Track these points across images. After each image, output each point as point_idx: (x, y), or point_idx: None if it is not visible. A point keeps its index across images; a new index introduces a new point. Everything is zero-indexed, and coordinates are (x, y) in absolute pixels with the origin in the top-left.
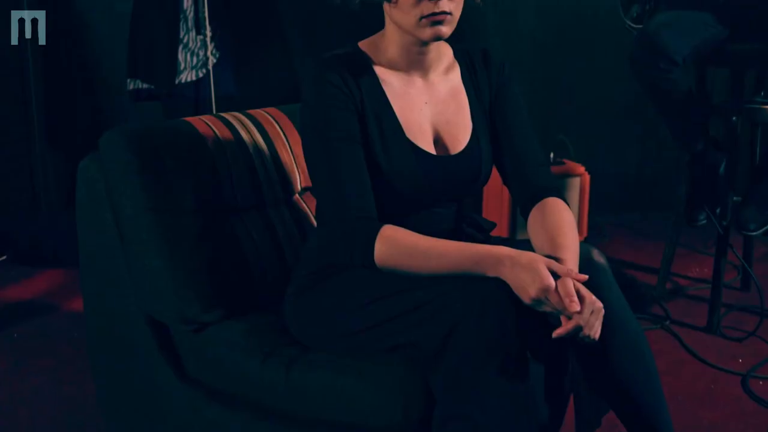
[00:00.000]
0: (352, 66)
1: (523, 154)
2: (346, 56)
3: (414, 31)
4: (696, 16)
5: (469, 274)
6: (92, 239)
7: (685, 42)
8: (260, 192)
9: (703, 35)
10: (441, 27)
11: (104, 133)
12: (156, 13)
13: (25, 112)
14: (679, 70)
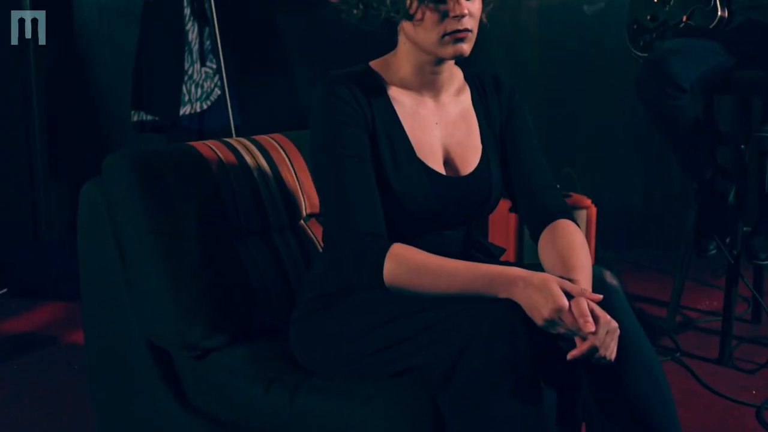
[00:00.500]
0: (363, 84)
1: (532, 177)
2: (356, 74)
3: (435, 48)
4: (703, 44)
5: (480, 295)
6: (94, 263)
7: (692, 69)
8: (264, 217)
9: (711, 63)
10: (462, 44)
11: (107, 157)
12: (161, 45)
13: (28, 143)
14: (686, 97)
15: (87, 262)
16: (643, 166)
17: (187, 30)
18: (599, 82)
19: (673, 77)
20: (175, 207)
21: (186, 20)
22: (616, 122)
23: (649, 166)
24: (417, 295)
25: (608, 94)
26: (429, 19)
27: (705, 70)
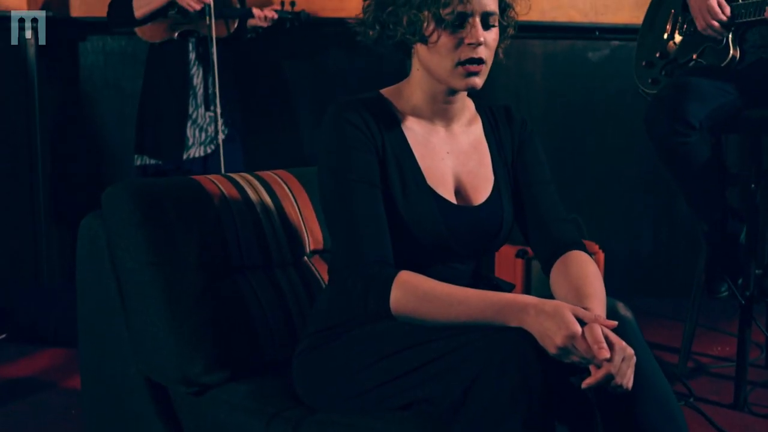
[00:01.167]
0: (373, 110)
1: (544, 209)
2: (367, 100)
3: (448, 77)
4: (713, 82)
5: (491, 324)
6: (92, 298)
7: (701, 106)
8: (267, 252)
9: (720, 101)
10: (475, 78)
11: (107, 188)
12: (166, 90)
13: (31, 188)
14: (696, 135)
15: (85, 297)
16: (651, 211)
17: (192, 74)
18: (605, 128)
19: (683, 114)
20: (176, 239)
21: (191, 64)
22: (622, 168)
23: (658, 212)
24: (425, 324)
25: (614, 140)
26: (444, 45)
27: (715, 108)
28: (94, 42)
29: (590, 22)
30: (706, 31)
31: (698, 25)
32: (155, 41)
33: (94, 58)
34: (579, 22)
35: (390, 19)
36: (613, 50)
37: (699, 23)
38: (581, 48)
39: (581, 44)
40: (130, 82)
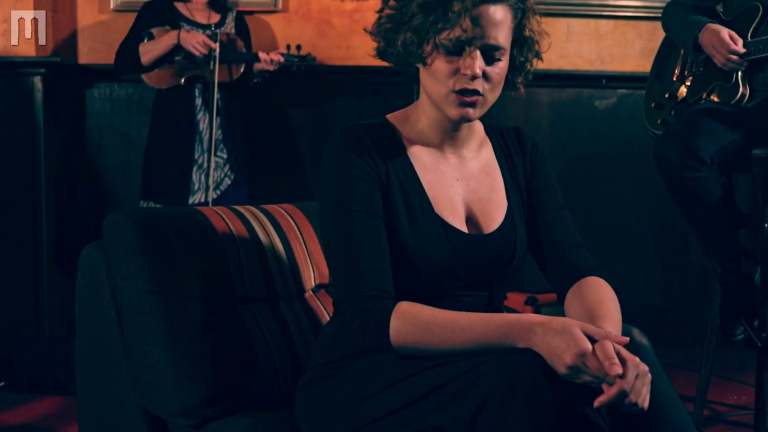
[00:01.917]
0: (378, 136)
1: (559, 235)
2: (372, 126)
3: (442, 103)
4: (723, 119)
5: (497, 347)
6: (90, 329)
7: (712, 141)
8: (272, 284)
9: (731, 137)
10: (469, 109)
11: (108, 215)
12: (172, 135)
13: (35, 235)
14: (707, 170)
15: (84, 329)
16: (661, 262)
17: (198, 119)
18: (613, 177)
19: (694, 148)
20: (178, 267)
21: (197, 110)
22: (632, 218)
23: (668, 262)
24: (428, 354)
25: (623, 190)
26: (440, 70)
27: (725, 144)
28: (101, 89)
29: (597, 70)
30: (726, 65)
31: (717, 62)
32: (162, 87)
33: (100, 105)
34: (585, 70)
35: (392, 36)
36: (620, 99)
37: (717, 59)
38: (588, 96)
39: (588, 92)
40: (136, 130)
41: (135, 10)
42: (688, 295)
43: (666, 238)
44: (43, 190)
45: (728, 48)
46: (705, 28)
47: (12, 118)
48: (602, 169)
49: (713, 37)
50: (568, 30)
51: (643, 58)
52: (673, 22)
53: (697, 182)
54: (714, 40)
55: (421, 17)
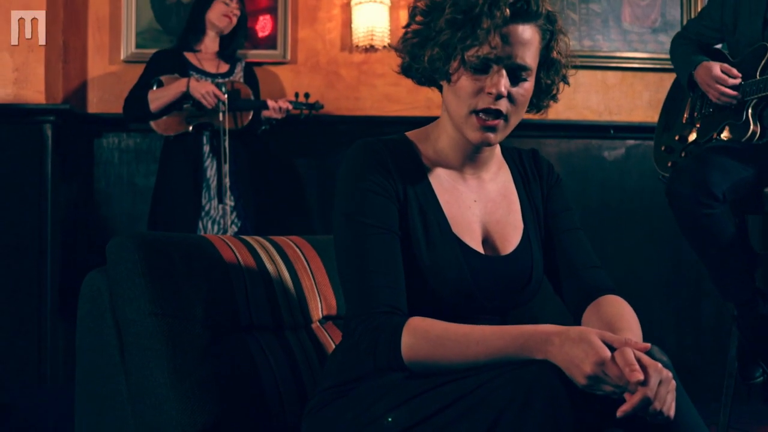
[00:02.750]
0: (397, 152)
1: (575, 256)
2: (391, 142)
3: (462, 124)
4: (734, 156)
5: (513, 359)
6: (90, 356)
7: (724, 178)
8: (278, 313)
9: (742, 174)
10: (490, 134)
11: (112, 239)
12: (179, 182)
13: (39, 284)
14: (719, 207)
15: (84, 356)
16: (674, 315)
17: (206, 166)
18: (623, 228)
19: (706, 184)
20: (182, 291)
21: (205, 157)
22: (642, 270)
23: (681, 315)
24: (441, 369)
25: (633, 241)
26: (463, 88)
27: (737, 181)
28: (109, 139)
29: (605, 120)
30: (721, 100)
31: (711, 97)
32: (170, 134)
33: (109, 155)
34: (593, 120)
35: (418, 51)
36: (629, 149)
37: (712, 95)
38: (596, 147)
39: (596, 143)
40: (143, 179)
41: (144, 62)
42: (703, 349)
43: (679, 289)
44: (48, 239)
45: (722, 82)
46: (700, 66)
47: (20, 165)
48: (612, 219)
49: (706, 73)
50: (575, 81)
51: (651, 110)
52: (676, 56)
53: (711, 219)
54: (707, 77)
55: (449, 33)
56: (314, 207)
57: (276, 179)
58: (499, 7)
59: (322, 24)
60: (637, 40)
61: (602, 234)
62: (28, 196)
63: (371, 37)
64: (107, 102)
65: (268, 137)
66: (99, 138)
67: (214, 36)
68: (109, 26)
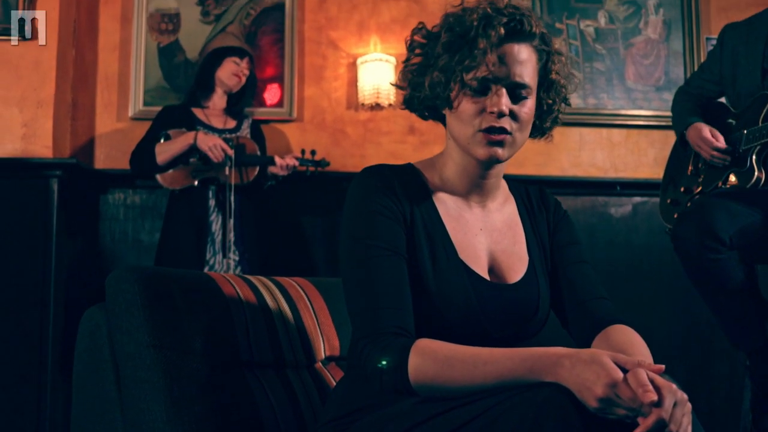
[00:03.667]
0: (404, 178)
1: (582, 287)
2: (397, 168)
3: (468, 144)
4: (739, 202)
5: (523, 382)
6: (86, 392)
7: (730, 222)
8: (280, 351)
9: (749, 219)
10: (497, 149)
11: (112, 272)
12: (184, 236)
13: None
14: (726, 252)
15: (80, 393)
16: (685, 372)
17: (211, 221)
18: (630, 285)
19: (712, 228)
20: (182, 323)
21: (210, 211)
22: (652, 327)
23: (693, 373)
24: (449, 392)
25: (641, 299)
26: (466, 111)
27: (744, 226)
28: (115, 195)
29: (610, 177)
30: (712, 160)
31: (704, 156)
32: (176, 188)
33: (114, 211)
34: (599, 177)
35: (418, 80)
36: (635, 206)
37: (704, 155)
38: (603, 204)
39: (603, 200)
40: (148, 236)
41: (151, 119)
42: (716, 407)
43: (690, 349)
44: (51, 294)
45: (710, 143)
46: (691, 127)
47: (26, 219)
48: (621, 278)
49: (696, 134)
50: (581, 139)
51: (656, 167)
52: (674, 112)
53: (718, 264)
54: (697, 138)
55: (447, 57)
56: (320, 264)
57: (281, 235)
58: (494, 26)
59: (328, 82)
60: (642, 98)
61: (610, 292)
62: (33, 251)
63: (377, 95)
64: (114, 158)
65: (273, 193)
66: (105, 194)
67: (223, 93)
68: (118, 84)
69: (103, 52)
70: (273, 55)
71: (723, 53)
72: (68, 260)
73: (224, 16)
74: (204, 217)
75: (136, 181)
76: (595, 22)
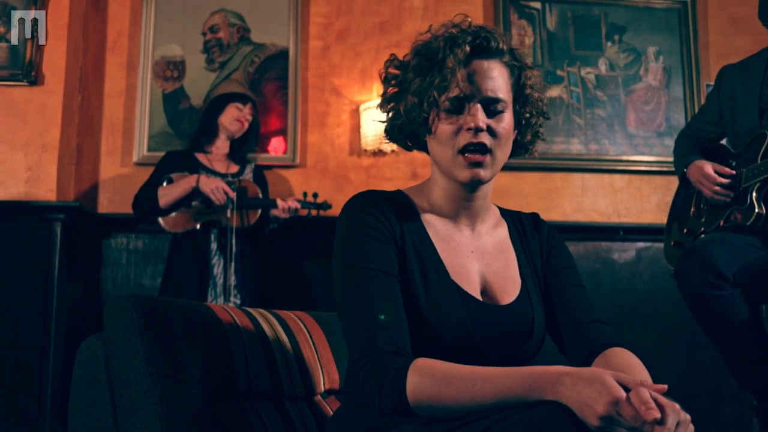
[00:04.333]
0: (394, 203)
1: (577, 311)
2: (387, 193)
3: (450, 167)
4: (742, 238)
5: (521, 401)
6: (82, 420)
7: (733, 258)
8: (278, 382)
9: (752, 256)
10: (479, 170)
11: (110, 300)
12: (186, 279)
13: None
14: (730, 288)
15: (75, 423)
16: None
17: (213, 264)
18: (636, 332)
19: (715, 264)
20: (179, 351)
21: (212, 254)
22: (656, 373)
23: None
24: (448, 411)
25: (645, 345)
26: (444, 132)
27: (747, 262)
28: (117, 239)
29: (613, 222)
30: (714, 198)
31: (705, 194)
32: (178, 231)
33: (117, 255)
34: (602, 222)
35: (395, 107)
36: (639, 252)
37: (705, 192)
38: (606, 249)
39: (606, 246)
40: (150, 280)
41: (155, 164)
42: None
43: (696, 393)
44: (52, 338)
45: (713, 180)
46: (692, 165)
47: (28, 263)
48: (625, 323)
49: (698, 171)
50: (583, 184)
51: (659, 212)
52: (675, 154)
53: (721, 301)
54: (699, 175)
55: (418, 81)
56: (321, 307)
57: (283, 279)
58: (459, 45)
59: (331, 129)
60: (643, 143)
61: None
62: (34, 294)
63: (379, 141)
64: (117, 203)
65: (275, 237)
66: (107, 238)
67: (226, 139)
68: (123, 129)
69: (109, 98)
70: (276, 102)
71: (721, 95)
72: (70, 304)
73: (229, 63)
74: (206, 261)
75: (138, 226)
76: (595, 69)
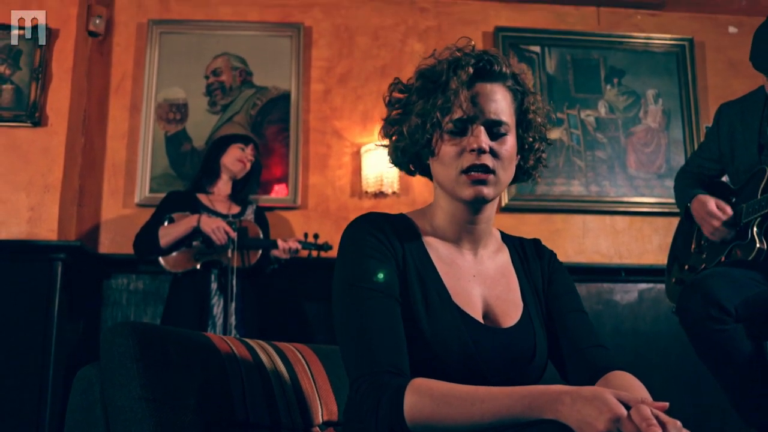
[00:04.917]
0: (396, 225)
1: (578, 336)
2: (391, 216)
3: (453, 186)
4: (743, 272)
5: (521, 420)
6: None
7: (735, 292)
8: (276, 413)
9: (754, 290)
10: (482, 187)
11: (107, 328)
12: (185, 319)
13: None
14: (732, 323)
15: None
16: None
17: (213, 304)
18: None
19: (716, 298)
20: (175, 378)
21: (212, 294)
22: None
23: None
24: (445, 431)
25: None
26: (447, 153)
27: (748, 297)
28: (118, 280)
29: (615, 263)
30: (714, 235)
31: (705, 231)
32: (178, 271)
33: (117, 296)
34: (604, 263)
35: (399, 129)
36: (641, 293)
37: (705, 229)
38: (608, 291)
39: (608, 287)
40: (150, 321)
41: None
42: None
43: (703, 424)
44: (50, 377)
45: (716, 217)
46: (695, 199)
47: (28, 302)
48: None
49: (701, 207)
50: (584, 226)
51: (661, 254)
52: (677, 190)
53: (724, 336)
54: (702, 211)
55: (421, 103)
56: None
57: (283, 319)
58: (462, 67)
59: (332, 171)
60: (644, 185)
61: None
62: (34, 333)
63: (380, 183)
64: (118, 244)
65: (276, 277)
66: (108, 279)
67: (227, 180)
68: (125, 171)
69: (112, 140)
70: (278, 144)
71: (720, 131)
72: (69, 343)
73: (231, 106)
74: (205, 300)
75: (139, 267)
76: (595, 111)
